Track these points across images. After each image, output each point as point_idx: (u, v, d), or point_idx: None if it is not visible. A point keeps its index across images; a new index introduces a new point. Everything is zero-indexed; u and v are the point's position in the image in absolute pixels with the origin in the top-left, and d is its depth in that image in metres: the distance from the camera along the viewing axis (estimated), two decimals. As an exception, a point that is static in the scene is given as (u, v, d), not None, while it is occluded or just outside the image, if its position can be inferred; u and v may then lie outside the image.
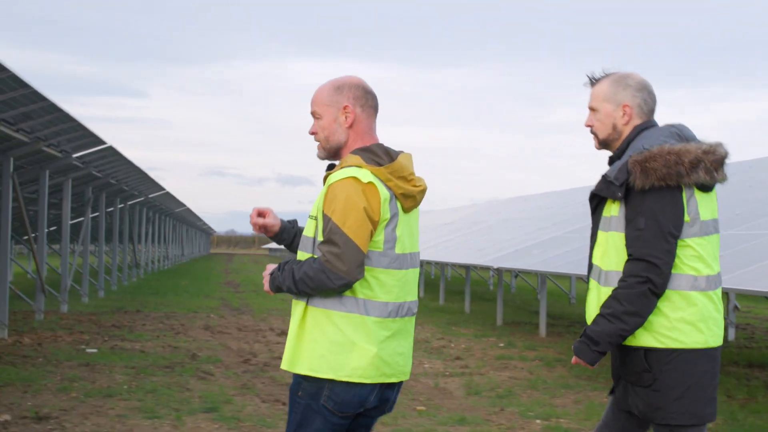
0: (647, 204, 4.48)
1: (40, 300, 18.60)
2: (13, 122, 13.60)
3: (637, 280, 4.46)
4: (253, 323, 19.67)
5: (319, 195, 4.49)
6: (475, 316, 22.58)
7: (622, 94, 4.78)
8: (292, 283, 4.38)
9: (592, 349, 4.54)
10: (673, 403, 4.54)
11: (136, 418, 9.31)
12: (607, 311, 4.51)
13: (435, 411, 10.20)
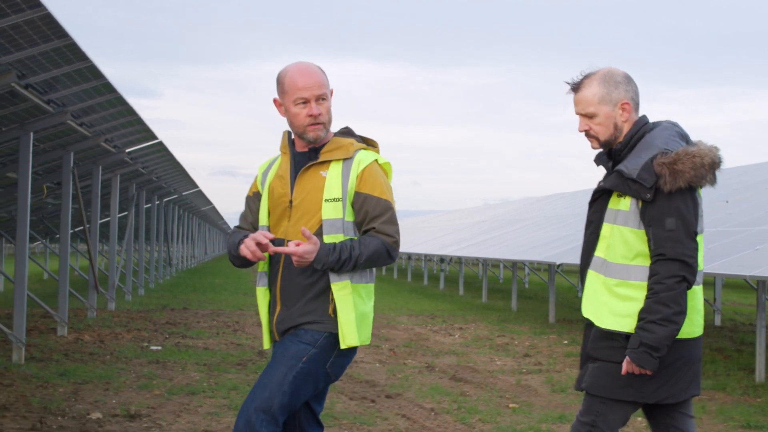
0: (675, 205, 4.58)
1: (92, 298, 18.40)
2: (77, 115, 13.34)
3: (676, 280, 4.55)
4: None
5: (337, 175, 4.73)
6: (525, 314, 22.28)
7: (615, 92, 4.80)
8: (356, 261, 4.64)
9: (654, 356, 4.57)
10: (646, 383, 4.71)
11: (228, 416, 9.08)
12: (658, 317, 4.55)
13: (528, 408, 9.96)
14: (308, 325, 4.74)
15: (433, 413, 9.54)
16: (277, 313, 4.81)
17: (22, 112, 11.71)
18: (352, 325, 4.70)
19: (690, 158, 4.53)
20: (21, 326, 12.07)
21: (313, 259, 4.59)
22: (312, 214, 4.74)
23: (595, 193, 4.85)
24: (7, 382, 10.52)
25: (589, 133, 4.86)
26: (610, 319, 4.71)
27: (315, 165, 4.78)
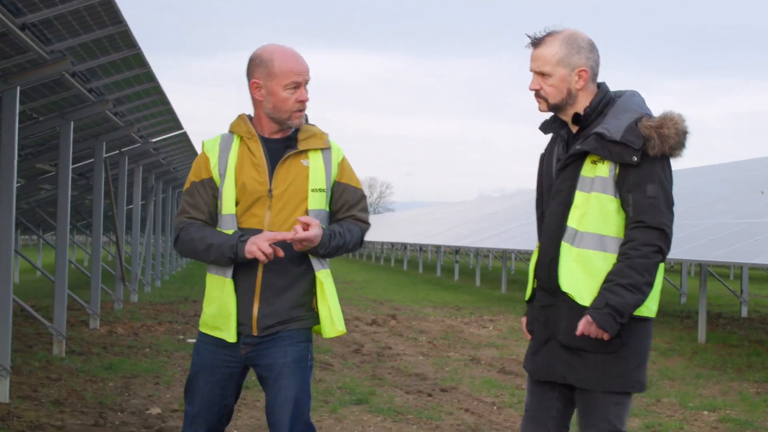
0: (657, 171, 4.39)
1: (119, 290, 18.23)
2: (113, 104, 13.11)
3: (653, 249, 4.33)
4: (333, 313, 19.21)
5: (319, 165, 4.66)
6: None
7: (576, 57, 4.54)
8: (346, 247, 4.65)
9: (617, 320, 4.30)
10: (635, 371, 4.45)
11: (289, 410, 8.86)
12: (627, 281, 4.30)
13: (587, 402, 9.75)
14: (298, 321, 4.65)
15: (495, 407, 9.37)
16: (258, 308, 4.61)
17: (62, 101, 11.49)
18: (339, 312, 4.66)
19: (673, 123, 4.35)
20: (62, 320, 11.88)
21: (318, 243, 4.50)
22: (297, 203, 4.62)
23: (567, 158, 4.53)
24: (54, 376, 10.33)
25: (539, 93, 4.59)
26: (590, 296, 4.41)
27: (294, 154, 4.66)
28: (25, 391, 9.36)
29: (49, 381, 10.06)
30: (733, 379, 11.51)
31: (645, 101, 4.58)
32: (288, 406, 4.62)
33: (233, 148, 4.67)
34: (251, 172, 4.61)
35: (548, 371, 4.60)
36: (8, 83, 8.85)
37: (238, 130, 4.69)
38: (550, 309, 4.59)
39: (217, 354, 4.67)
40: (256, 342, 4.63)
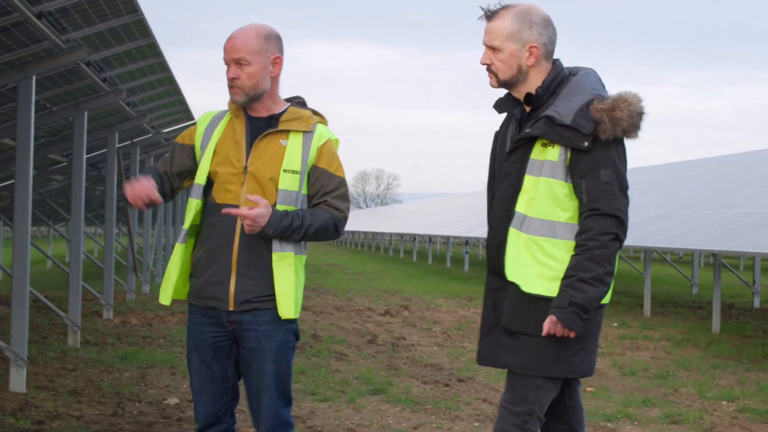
0: (610, 156, 4.27)
1: (131, 280, 18.22)
2: (128, 93, 13.08)
3: (610, 238, 4.22)
4: (345, 303, 19.29)
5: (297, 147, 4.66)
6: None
7: (527, 32, 4.38)
8: (305, 231, 4.59)
9: (583, 317, 4.20)
10: (575, 356, 4.34)
11: (307, 401, 8.86)
12: (589, 275, 4.19)
13: (606, 392, 9.78)
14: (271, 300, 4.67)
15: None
16: (235, 283, 4.65)
17: (76, 91, 11.45)
18: (291, 297, 4.64)
19: (626, 105, 4.20)
20: (76, 310, 11.86)
21: (265, 223, 4.49)
22: (269, 183, 4.65)
23: (517, 141, 4.40)
24: (70, 367, 10.31)
25: (490, 68, 4.45)
26: (536, 282, 4.29)
27: (273, 133, 4.69)
28: (42, 382, 9.34)
29: (65, 371, 10.04)
30: (749, 369, 11.46)
31: (600, 80, 4.45)
32: (271, 393, 4.71)
33: (221, 124, 4.75)
34: (231, 148, 4.68)
35: (494, 357, 4.50)
36: (24, 72, 8.81)
37: (229, 107, 4.78)
38: (499, 292, 4.48)
39: (203, 330, 4.74)
40: (237, 319, 4.66)
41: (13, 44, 8.59)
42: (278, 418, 4.73)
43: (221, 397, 4.78)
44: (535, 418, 4.40)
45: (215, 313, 4.70)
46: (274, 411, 4.72)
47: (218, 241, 4.66)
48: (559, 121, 4.20)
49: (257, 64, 4.62)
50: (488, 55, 4.43)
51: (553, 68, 4.42)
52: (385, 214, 70.73)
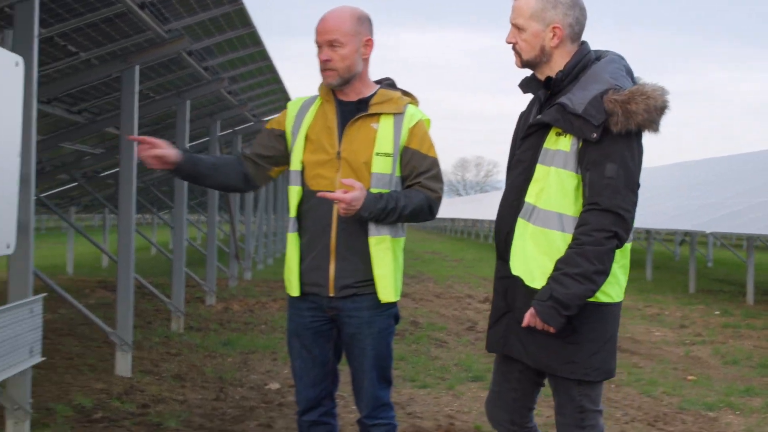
0: (619, 149, 4.04)
1: (233, 267, 18.44)
2: (230, 82, 13.21)
3: (606, 236, 3.99)
4: (445, 290, 19.31)
5: (388, 129, 4.63)
6: (661, 284, 21.77)
7: (551, 12, 4.20)
8: (400, 212, 4.55)
9: (562, 313, 4.01)
10: (590, 359, 4.17)
11: (407, 387, 8.90)
12: (576, 271, 3.99)
13: (707, 381, 9.65)
14: (370, 285, 4.67)
15: (613, 385, 9.24)
16: (335, 268, 4.66)
17: (178, 80, 11.61)
18: (390, 281, 4.65)
19: (644, 99, 3.98)
20: (180, 296, 12.07)
21: (360, 206, 4.46)
22: (362, 167, 4.62)
23: (529, 128, 4.26)
24: (174, 352, 10.49)
25: (515, 48, 4.31)
26: (541, 278, 4.13)
27: (364, 117, 4.66)
28: (147, 366, 9.52)
29: (169, 356, 10.22)
30: None
31: (626, 68, 4.26)
32: (372, 377, 4.77)
33: (312, 109, 4.76)
34: (323, 134, 4.68)
35: (504, 345, 4.38)
36: (128, 62, 8.96)
37: (320, 92, 4.79)
38: (508, 281, 4.33)
39: (304, 315, 4.79)
40: (338, 305, 4.70)
41: (117, 34, 8.74)
42: (378, 400, 4.80)
43: (321, 380, 4.83)
44: (591, 413, 4.28)
45: (316, 299, 4.73)
46: (374, 394, 4.79)
47: (316, 227, 4.66)
48: (571, 109, 4.06)
49: (351, 46, 4.60)
50: (513, 33, 4.31)
51: (578, 52, 4.26)
52: (485, 201, 70.34)
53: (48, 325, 11.77)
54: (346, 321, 4.72)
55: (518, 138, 4.41)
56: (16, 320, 5.51)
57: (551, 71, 4.27)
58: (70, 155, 15.65)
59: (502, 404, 4.52)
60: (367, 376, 4.76)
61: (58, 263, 25.23)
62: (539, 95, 4.36)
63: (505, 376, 4.49)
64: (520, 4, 4.26)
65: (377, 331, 4.72)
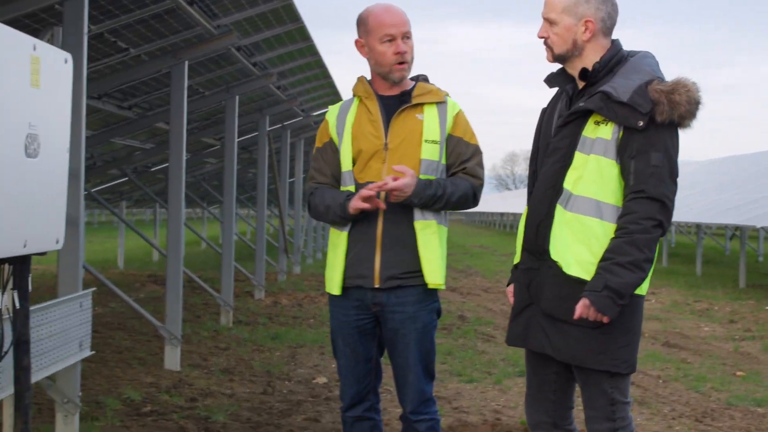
0: (663, 139, 4.05)
1: (282, 261, 18.54)
2: (278, 77, 13.26)
3: (653, 224, 4.00)
4: (492, 285, 19.29)
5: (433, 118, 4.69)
6: (711, 279, 21.61)
7: (584, 6, 4.20)
8: (447, 199, 4.63)
9: (617, 303, 3.99)
10: (619, 351, 4.15)
11: (453, 381, 8.91)
12: (627, 259, 3.98)
13: (757, 377, 9.57)
14: (419, 276, 4.70)
15: (661, 381, 9.21)
16: (380, 259, 4.68)
17: (227, 75, 11.68)
18: (438, 264, 4.70)
19: (686, 91, 4.01)
20: (229, 291, 12.16)
21: (411, 192, 4.52)
22: (410, 155, 4.66)
23: (569, 116, 4.23)
24: (223, 346, 10.57)
25: (546, 42, 4.30)
26: (577, 265, 4.11)
27: (408, 108, 4.71)
28: (196, 360, 9.60)
29: (217, 350, 10.30)
30: None
31: (659, 64, 4.27)
32: (417, 371, 4.79)
33: (352, 109, 4.79)
34: (368, 128, 4.71)
35: (526, 338, 4.34)
36: (177, 58, 9.05)
37: (357, 92, 4.82)
38: (533, 272, 4.31)
39: (348, 314, 4.80)
40: (383, 299, 4.72)
41: (166, 31, 8.81)
42: (423, 395, 4.82)
43: (365, 377, 4.86)
44: (621, 404, 4.25)
45: (360, 295, 4.75)
46: (419, 388, 4.81)
47: (362, 219, 4.67)
48: (616, 97, 4.04)
49: (412, 39, 4.72)
50: (545, 28, 4.31)
51: (612, 46, 4.27)
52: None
53: (98, 318, 11.92)
54: (389, 316, 4.74)
55: (545, 132, 4.41)
56: (66, 314, 5.59)
57: (582, 65, 4.27)
58: (121, 150, 15.80)
59: (541, 407, 4.49)
60: (412, 371, 4.78)
61: (110, 258, 25.49)
62: (567, 89, 4.37)
63: (541, 379, 4.47)
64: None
65: (421, 327, 4.76)
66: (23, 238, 3.68)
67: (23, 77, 3.59)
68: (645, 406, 7.97)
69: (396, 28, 4.63)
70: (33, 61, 3.68)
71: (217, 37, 9.08)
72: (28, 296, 3.95)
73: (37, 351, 5.16)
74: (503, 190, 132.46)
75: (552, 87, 4.48)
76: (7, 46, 3.47)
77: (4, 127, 3.44)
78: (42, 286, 15.42)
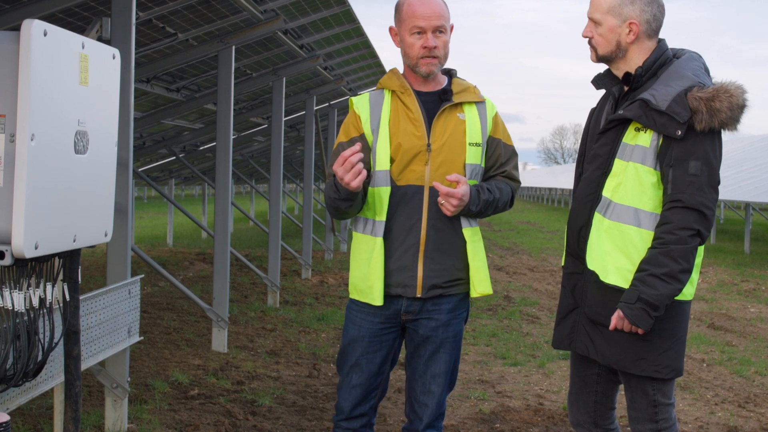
0: (703, 147, 4.01)
1: (329, 240, 18.64)
2: (323, 59, 13.32)
3: (690, 233, 3.98)
4: (538, 263, 19.25)
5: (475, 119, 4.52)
6: (760, 257, 21.45)
7: (629, 8, 4.18)
8: (496, 204, 4.51)
9: (651, 315, 3.99)
10: (661, 356, 4.15)
11: (498, 365, 8.97)
12: (662, 271, 3.96)
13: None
14: (460, 285, 4.55)
15: (705, 365, 9.21)
16: (423, 267, 4.45)
17: (275, 57, 11.75)
18: (486, 272, 4.56)
19: (727, 97, 3.94)
20: (276, 271, 12.25)
21: (468, 200, 4.36)
22: (455, 158, 4.46)
23: (609, 123, 4.21)
24: (270, 327, 10.67)
25: (591, 42, 4.29)
26: (615, 273, 4.12)
27: (450, 107, 4.49)
28: (243, 342, 9.71)
29: (264, 331, 10.41)
30: None
31: (705, 66, 4.21)
32: (440, 381, 4.60)
33: (385, 104, 4.50)
34: (408, 127, 4.44)
35: (571, 342, 4.39)
36: (224, 43, 9.13)
37: (389, 85, 4.53)
38: (577, 276, 4.35)
39: (375, 322, 4.56)
40: (417, 308, 4.51)
41: (214, 16, 8.89)
42: (441, 408, 4.64)
43: (373, 390, 4.63)
44: (664, 406, 4.28)
45: (394, 304, 4.52)
46: (440, 401, 4.61)
47: (402, 226, 4.44)
48: (655, 105, 4.02)
49: (448, 34, 4.44)
50: (590, 27, 4.31)
51: (657, 48, 4.23)
52: (583, 170, 69.86)
53: (148, 299, 12.09)
54: (422, 323, 4.53)
55: (593, 133, 4.41)
56: (114, 302, 5.69)
57: (627, 67, 4.27)
58: (170, 130, 15.94)
59: (583, 407, 4.56)
60: (437, 381, 4.58)
61: (159, 234, 25.71)
62: (613, 91, 4.35)
63: (583, 380, 4.53)
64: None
65: (452, 335, 4.58)
66: (72, 233, 3.78)
67: (72, 76, 3.67)
68: (688, 391, 7.99)
69: (427, 21, 4.37)
70: (82, 59, 3.75)
71: (263, 23, 9.16)
72: (78, 288, 4.05)
73: (86, 338, 5.27)
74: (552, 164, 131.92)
75: (599, 88, 4.47)
76: (58, 47, 3.56)
77: (53, 126, 3.53)
78: (93, 265, 15.62)
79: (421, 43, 4.40)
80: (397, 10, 4.50)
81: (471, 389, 7.94)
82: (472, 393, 7.79)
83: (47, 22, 3.50)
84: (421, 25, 4.38)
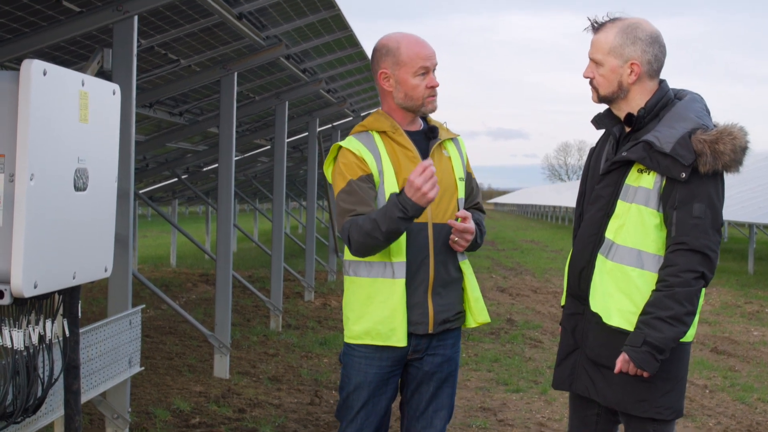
0: (707, 190, 4.00)
1: (332, 261, 18.62)
2: (326, 82, 13.36)
3: (694, 276, 3.97)
4: (542, 284, 19.24)
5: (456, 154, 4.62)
6: (764, 277, 21.45)
7: (630, 48, 4.17)
8: (483, 236, 4.61)
9: (657, 358, 3.98)
10: (663, 397, 4.14)
11: (500, 391, 8.95)
12: (667, 314, 3.95)
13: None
14: (460, 318, 4.59)
15: (707, 390, 9.20)
16: (433, 302, 4.44)
17: (277, 81, 11.78)
18: (482, 302, 4.60)
19: (731, 139, 3.94)
20: (278, 294, 12.27)
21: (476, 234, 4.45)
22: (451, 193, 4.51)
23: (612, 164, 4.20)
24: (272, 352, 10.67)
25: (592, 83, 4.28)
26: (618, 316, 4.11)
27: (437, 144, 4.52)
28: (245, 367, 9.71)
29: (266, 356, 10.41)
30: None
31: (707, 107, 4.22)
32: (443, 414, 4.61)
33: (380, 146, 4.44)
34: (409, 166, 4.40)
35: (571, 382, 4.38)
36: (227, 69, 9.17)
37: (378, 127, 4.47)
38: (578, 317, 4.35)
39: (383, 366, 4.49)
40: (425, 345, 4.49)
41: (216, 42, 8.91)
42: None
43: (377, 429, 4.57)
44: None
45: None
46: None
47: (412, 263, 4.40)
48: (659, 148, 4.02)
49: None
50: (591, 68, 4.32)
51: (659, 90, 4.24)
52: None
53: (150, 322, 12.10)
54: (426, 359, 4.52)
55: (593, 173, 4.41)
56: (115, 333, 5.70)
57: (629, 107, 4.27)
58: (173, 152, 15.97)
59: None
60: (439, 415, 4.59)
61: (163, 254, 25.72)
62: (614, 131, 4.35)
63: (582, 420, 4.51)
64: (599, 39, 4.26)
65: (454, 368, 4.62)
66: (72, 270, 3.78)
67: (72, 114, 3.68)
68: (690, 418, 7.98)
69: (430, 61, 4.42)
70: (81, 97, 3.76)
71: (266, 49, 9.19)
72: (78, 322, 4.06)
73: (87, 371, 5.27)
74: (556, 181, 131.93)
75: (599, 128, 4.47)
76: (58, 86, 3.57)
77: (53, 164, 3.54)
78: (96, 287, 15.62)
79: (426, 83, 4.43)
80: (390, 53, 4.44)
81: (473, 417, 7.94)
82: (474, 421, 7.79)
83: (51, 50, 3.51)
84: (426, 66, 4.42)
